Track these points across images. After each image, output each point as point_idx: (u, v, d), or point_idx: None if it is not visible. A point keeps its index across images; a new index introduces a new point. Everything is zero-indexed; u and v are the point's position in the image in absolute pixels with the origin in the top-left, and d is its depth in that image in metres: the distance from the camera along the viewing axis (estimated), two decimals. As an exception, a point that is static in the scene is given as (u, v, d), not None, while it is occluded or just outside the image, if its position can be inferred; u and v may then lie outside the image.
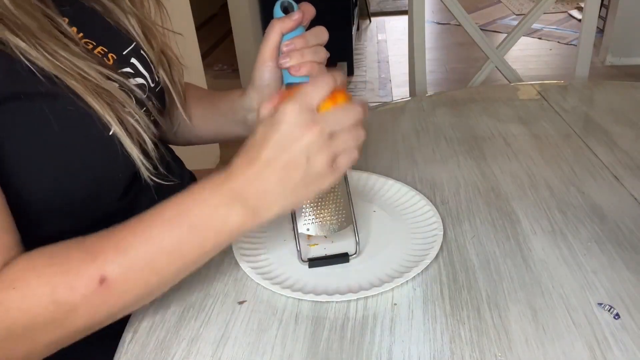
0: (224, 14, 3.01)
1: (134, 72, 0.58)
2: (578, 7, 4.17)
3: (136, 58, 0.59)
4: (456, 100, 0.96)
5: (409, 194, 0.65)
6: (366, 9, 4.45)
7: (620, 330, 0.44)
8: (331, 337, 0.46)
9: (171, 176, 0.59)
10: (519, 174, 0.69)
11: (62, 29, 0.49)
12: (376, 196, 0.66)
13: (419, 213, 0.62)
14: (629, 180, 0.66)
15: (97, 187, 0.51)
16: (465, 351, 0.44)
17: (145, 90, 0.58)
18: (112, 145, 0.49)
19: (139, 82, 0.58)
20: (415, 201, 0.63)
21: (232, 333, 0.47)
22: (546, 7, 1.31)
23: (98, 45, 0.54)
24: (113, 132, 0.49)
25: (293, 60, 0.55)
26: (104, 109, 0.48)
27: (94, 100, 0.47)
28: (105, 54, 0.54)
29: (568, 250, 0.54)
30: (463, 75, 3.16)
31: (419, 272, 0.52)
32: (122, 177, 0.53)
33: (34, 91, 0.45)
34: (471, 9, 4.37)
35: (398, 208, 0.64)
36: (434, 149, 0.77)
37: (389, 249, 0.57)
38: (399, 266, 0.54)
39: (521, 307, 0.47)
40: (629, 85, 0.97)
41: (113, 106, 0.49)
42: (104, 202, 0.54)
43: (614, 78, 2.92)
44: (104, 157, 0.50)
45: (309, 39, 0.56)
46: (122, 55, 0.57)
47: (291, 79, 0.56)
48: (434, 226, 0.58)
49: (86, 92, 0.47)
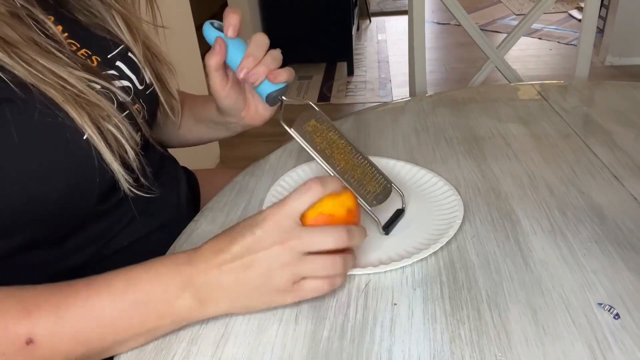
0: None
1: (118, 74, 0.56)
2: (578, 7, 4.17)
3: (122, 61, 0.58)
4: (456, 100, 0.96)
5: (427, 175, 0.68)
6: (366, 9, 4.45)
7: (620, 330, 0.44)
8: (331, 337, 0.46)
9: (155, 187, 0.58)
10: (519, 174, 0.69)
11: (47, 30, 0.48)
12: (397, 178, 0.69)
13: (439, 192, 0.65)
14: (629, 180, 0.66)
15: (71, 193, 0.49)
16: (465, 351, 0.44)
17: (130, 92, 0.57)
18: (86, 150, 0.48)
19: (124, 85, 0.56)
20: (434, 182, 0.67)
21: (232, 333, 0.47)
22: (546, 7, 1.31)
23: (82, 47, 0.53)
24: (87, 137, 0.47)
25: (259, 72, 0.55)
26: (83, 118, 0.46)
27: (72, 109, 0.46)
28: (89, 57, 0.53)
29: (568, 250, 0.54)
30: (463, 75, 3.16)
31: (438, 248, 0.54)
32: (100, 183, 0.51)
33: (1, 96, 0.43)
34: (471, 9, 4.37)
35: (419, 189, 0.66)
36: (434, 149, 0.77)
37: (410, 228, 0.59)
38: (419, 244, 0.56)
39: (521, 307, 0.47)
40: (629, 85, 0.97)
41: (93, 115, 0.47)
42: (80, 208, 0.52)
43: (614, 78, 2.92)
44: (78, 163, 0.48)
45: (255, 54, 0.55)
46: (107, 58, 0.56)
47: (271, 88, 0.56)
48: (454, 203, 0.61)
49: (65, 101, 0.45)
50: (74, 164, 0.48)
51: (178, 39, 0.68)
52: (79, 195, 0.50)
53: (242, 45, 0.57)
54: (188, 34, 1.94)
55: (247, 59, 0.55)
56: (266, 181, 0.71)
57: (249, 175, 0.73)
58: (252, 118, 0.65)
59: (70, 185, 0.48)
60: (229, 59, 0.56)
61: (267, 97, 0.58)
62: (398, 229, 0.59)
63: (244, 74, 0.55)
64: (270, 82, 0.57)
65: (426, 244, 0.55)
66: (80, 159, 0.48)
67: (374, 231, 0.59)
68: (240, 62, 0.55)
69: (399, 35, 4.05)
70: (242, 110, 0.63)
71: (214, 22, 0.57)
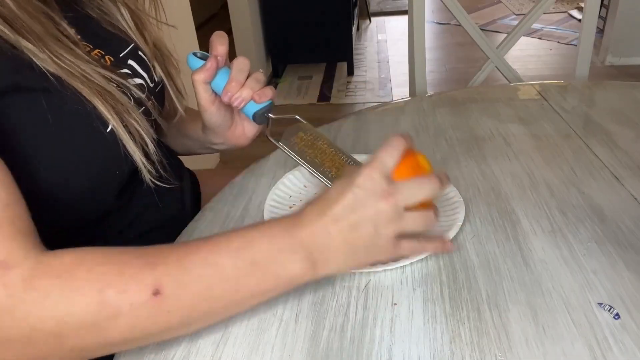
0: (224, 14, 3.01)
1: (131, 73, 0.58)
2: (578, 7, 4.17)
3: (133, 59, 0.59)
4: (456, 100, 0.96)
5: None
6: (366, 9, 4.45)
7: (620, 330, 0.44)
8: (331, 337, 0.46)
9: (171, 179, 0.59)
10: (519, 174, 0.69)
11: (64, 32, 0.49)
12: None
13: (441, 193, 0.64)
14: (629, 180, 0.66)
15: (94, 184, 0.51)
16: (465, 351, 0.44)
17: (144, 90, 0.58)
18: (110, 141, 0.49)
19: (138, 83, 0.58)
20: None
21: (232, 333, 0.47)
22: (546, 7, 1.31)
23: (95, 48, 0.54)
24: (111, 128, 0.49)
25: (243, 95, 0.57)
26: (108, 111, 0.48)
27: (99, 101, 0.47)
28: (102, 57, 0.55)
29: (568, 250, 0.54)
30: (463, 75, 3.16)
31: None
32: (120, 175, 0.53)
33: (36, 86, 0.45)
34: (471, 9, 4.37)
35: None
36: (434, 149, 0.77)
37: None
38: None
39: (521, 307, 0.47)
40: (629, 85, 0.97)
41: (117, 108, 0.49)
42: (101, 200, 0.53)
43: (614, 78, 2.92)
44: (103, 154, 0.50)
45: (237, 78, 0.57)
46: (119, 57, 0.57)
47: (256, 107, 0.58)
48: (455, 205, 0.61)
49: (91, 94, 0.47)
50: (99, 153, 0.49)
51: (178, 39, 0.68)
52: (100, 187, 0.52)
53: (226, 70, 0.59)
54: (188, 34, 1.94)
55: (230, 84, 0.57)
56: (266, 181, 0.71)
57: (249, 175, 0.73)
58: (238, 138, 0.66)
59: (94, 175, 0.50)
60: (214, 83, 0.58)
61: (254, 116, 0.59)
62: None
63: (229, 97, 0.57)
64: (256, 103, 0.58)
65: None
66: (105, 149, 0.50)
67: None
68: (224, 86, 0.57)
69: (399, 35, 4.04)
70: (228, 129, 0.64)
71: (197, 53, 0.59)
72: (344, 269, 0.46)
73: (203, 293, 0.41)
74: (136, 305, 0.38)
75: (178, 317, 0.40)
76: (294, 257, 0.43)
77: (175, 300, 0.40)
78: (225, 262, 0.42)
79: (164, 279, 0.39)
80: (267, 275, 0.43)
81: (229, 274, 0.42)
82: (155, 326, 0.40)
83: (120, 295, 0.38)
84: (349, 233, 0.43)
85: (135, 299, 0.38)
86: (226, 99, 0.57)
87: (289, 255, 0.43)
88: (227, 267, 0.42)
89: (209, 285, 0.41)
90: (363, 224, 0.43)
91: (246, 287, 0.42)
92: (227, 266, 0.42)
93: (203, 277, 0.41)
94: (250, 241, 0.43)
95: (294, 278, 0.44)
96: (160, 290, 0.39)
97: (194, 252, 0.42)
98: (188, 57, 0.59)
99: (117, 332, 0.38)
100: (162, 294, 0.39)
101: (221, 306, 0.43)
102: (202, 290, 0.41)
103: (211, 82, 0.58)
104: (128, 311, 0.38)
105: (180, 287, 0.40)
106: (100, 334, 0.38)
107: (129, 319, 0.38)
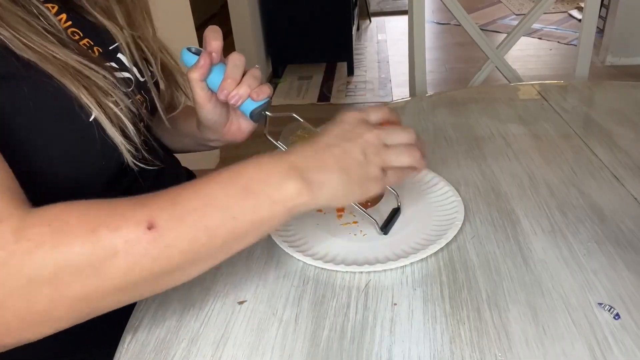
0: (224, 14, 3.01)
1: (119, 67, 0.57)
2: (578, 7, 4.17)
3: (123, 54, 0.59)
4: (456, 100, 0.96)
5: (428, 176, 0.68)
6: (366, 9, 4.45)
7: (620, 330, 0.44)
8: (331, 337, 0.46)
9: (156, 160, 0.58)
10: (519, 174, 0.69)
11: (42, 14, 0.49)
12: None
13: (440, 193, 0.65)
14: (629, 180, 0.66)
15: (80, 173, 0.50)
16: (465, 351, 0.44)
17: (131, 84, 0.58)
18: (93, 130, 0.49)
19: (125, 77, 0.57)
20: (435, 182, 0.67)
21: (232, 333, 0.47)
22: (546, 7, 1.31)
23: (84, 37, 0.54)
24: (94, 117, 0.49)
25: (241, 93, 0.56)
26: (83, 93, 0.47)
27: (71, 83, 0.47)
28: (91, 47, 0.54)
29: (568, 250, 0.54)
30: (463, 75, 3.15)
31: (438, 249, 0.55)
32: (107, 166, 0.53)
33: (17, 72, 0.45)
34: (471, 9, 4.37)
35: (419, 190, 0.67)
36: (434, 149, 0.77)
37: (409, 228, 0.60)
38: (417, 244, 0.56)
39: (521, 307, 0.47)
40: (629, 85, 0.97)
41: (91, 90, 0.48)
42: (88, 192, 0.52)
43: (614, 78, 2.92)
44: (86, 142, 0.49)
45: (233, 75, 0.57)
46: (108, 49, 0.57)
47: (254, 105, 0.58)
48: (454, 204, 0.62)
49: (64, 76, 0.46)
50: (83, 141, 0.49)
51: (178, 39, 0.68)
52: (87, 177, 0.51)
53: (221, 66, 0.58)
54: (188, 34, 1.94)
55: (226, 81, 0.56)
56: (266, 181, 0.71)
57: (249, 175, 0.73)
58: (234, 134, 0.65)
59: (79, 164, 0.50)
60: (210, 80, 0.57)
61: (251, 114, 0.59)
62: (398, 229, 0.59)
63: (225, 95, 0.56)
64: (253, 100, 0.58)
65: (426, 245, 0.55)
66: (89, 138, 0.49)
67: (373, 232, 0.59)
68: (220, 84, 0.57)
69: (399, 35, 4.04)
70: (224, 126, 0.64)
71: (192, 48, 0.58)
72: (341, 197, 0.46)
73: (199, 223, 0.40)
74: (132, 242, 0.37)
75: (178, 251, 0.39)
76: (286, 179, 0.43)
77: (171, 233, 0.39)
78: (217, 192, 0.42)
79: (156, 213, 0.39)
80: (261, 199, 0.42)
81: (222, 202, 0.41)
82: (156, 263, 0.39)
83: (114, 233, 0.37)
84: (341, 156, 0.45)
85: (129, 235, 0.37)
86: (222, 96, 0.56)
87: (280, 177, 0.43)
88: (219, 195, 0.42)
89: (203, 215, 0.40)
90: (353, 150, 0.46)
91: (242, 214, 0.42)
92: (218, 195, 0.42)
93: (197, 209, 0.40)
94: (239, 171, 0.43)
95: (290, 199, 0.43)
96: (154, 224, 0.38)
97: (183, 188, 0.42)
98: (182, 52, 0.58)
99: (117, 272, 0.37)
100: (157, 227, 0.38)
101: (221, 238, 0.42)
102: (197, 220, 0.40)
103: (206, 79, 0.58)
104: (124, 248, 0.37)
105: (174, 219, 0.39)
106: (100, 277, 0.37)
107: (126, 257, 0.37)
